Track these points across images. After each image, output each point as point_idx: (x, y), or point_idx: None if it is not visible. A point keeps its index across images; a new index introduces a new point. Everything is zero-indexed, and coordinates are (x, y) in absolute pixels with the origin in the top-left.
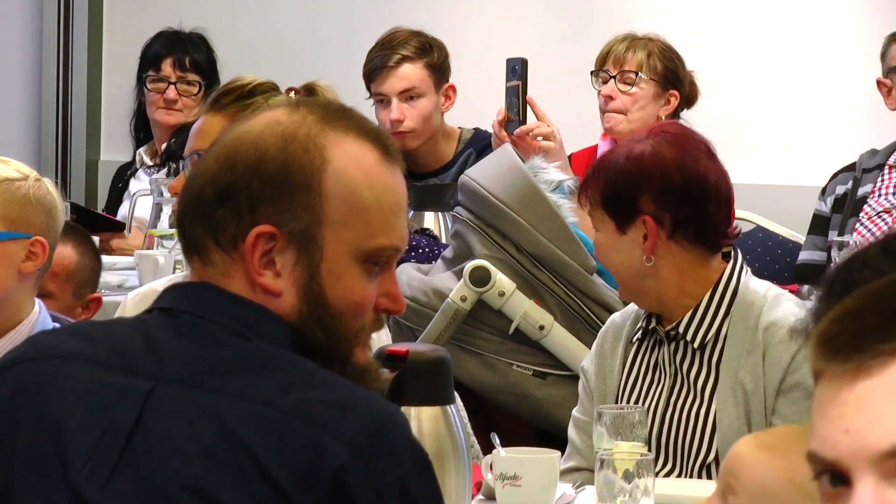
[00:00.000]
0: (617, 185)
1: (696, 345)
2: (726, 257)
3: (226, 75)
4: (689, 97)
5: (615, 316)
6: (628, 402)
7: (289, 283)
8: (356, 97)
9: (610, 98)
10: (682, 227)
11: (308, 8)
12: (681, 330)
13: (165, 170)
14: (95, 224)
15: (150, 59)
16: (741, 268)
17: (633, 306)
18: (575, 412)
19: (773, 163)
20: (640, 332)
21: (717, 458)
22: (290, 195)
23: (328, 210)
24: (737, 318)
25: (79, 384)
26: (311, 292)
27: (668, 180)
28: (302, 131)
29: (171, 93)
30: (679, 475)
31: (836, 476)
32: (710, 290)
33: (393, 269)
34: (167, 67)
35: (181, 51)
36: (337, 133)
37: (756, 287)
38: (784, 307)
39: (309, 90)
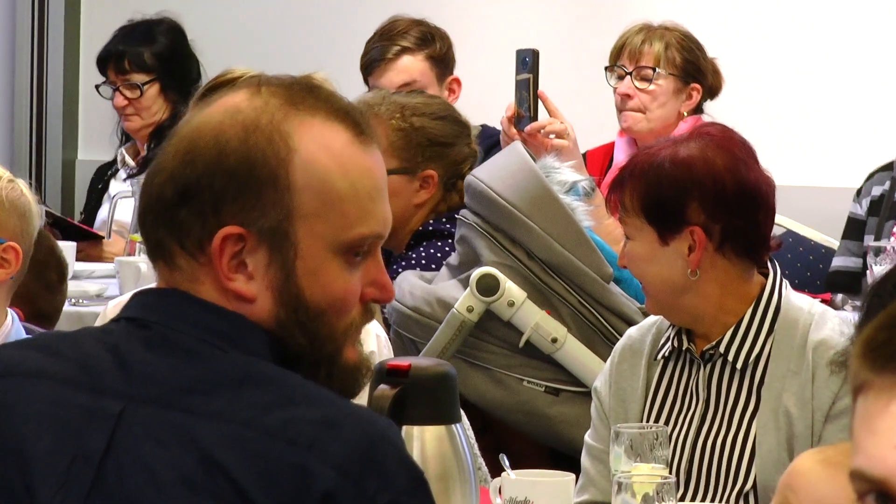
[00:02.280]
0: (663, 191)
1: (738, 365)
2: (761, 268)
3: (215, 68)
4: (712, 87)
5: (632, 331)
6: None
7: (263, 287)
8: (354, 91)
9: (627, 96)
10: (731, 240)
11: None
12: (721, 349)
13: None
14: (72, 234)
15: (98, 63)
16: (781, 281)
17: (651, 319)
18: (588, 438)
19: (804, 162)
20: (666, 350)
21: (755, 486)
22: (256, 191)
23: (299, 203)
24: (780, 337)
25: (44, 407)
26: (287, 294)
27: (720, 188)
28: (264, 119)
29: (118, 100)
30: None
31: (883, 496)
32: (752, 307)
33: (377, 255)
34: (111, 73)
35: (122, 51)
36: (303, 116)
37: (799, 303)
38: (831, 325)
39: None
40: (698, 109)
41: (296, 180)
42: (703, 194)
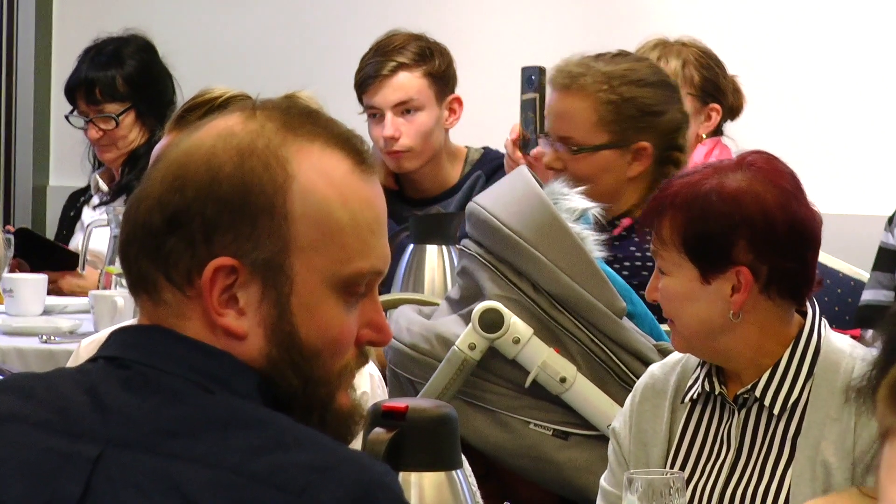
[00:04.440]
0: (709, 227)
1: (776, 410)
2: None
3: (193, 86)
4: (732, 107)
5: (654, 368)
6: None
7: (255, 323)
8: (347, 111)
9: None
10: (778, 281)
11: (291, 8)
12: (756, 393)
13: (123, 197)
14: (45, 255)
15: (66, 93)
16: (820, 321)
17: (675, 357)
18: (603, 482)
19: (832, 188)
20: (695, 392)
21: None
22: (251, 220)
23: (296, 234)
24: (820, 381)
25: (16, 451)
26: (280, 332)
27: (771, 226)
28: (260, 143)
29: (92, 132)
30: None
31: None
32: (790, 348)
33: (375, 294)
34: (82, 104)
35: (91, 79)
36: (301, 142)
37: (840, 345)
38: None
39: None
40: (718, 131)
41: (293, 209)
42: (753, 233)
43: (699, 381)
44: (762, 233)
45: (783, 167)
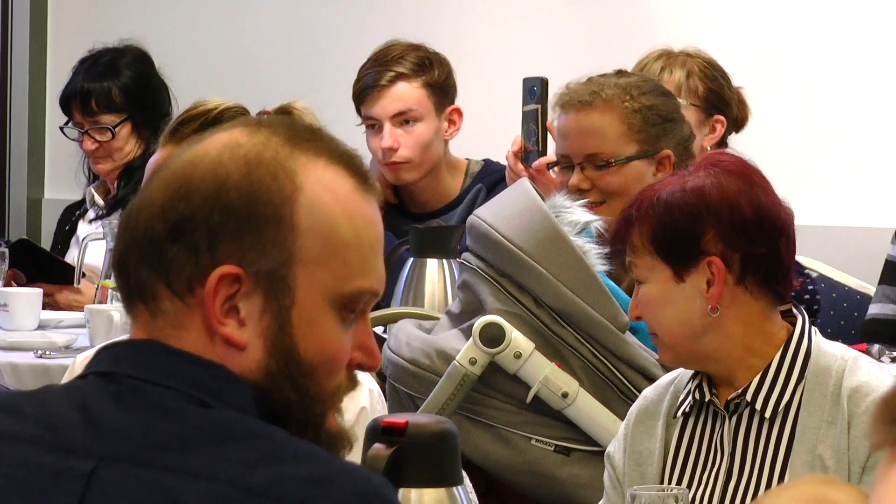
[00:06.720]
0: (675, 222)
1: (767, 414)
2: (786, 317)
3: (189, 98)
4: (737, 119)
5: (647, 391)
6: None
7: (255, 334)
8: (344, 122)
9: None
10: (753, 270)
11: (288, 19)
12: (748, 398)
13: (119, 211)
14: (43, 267)
15: (61, 104)
16: (810, 327)
17: (668, 378)
18: None
19: (838, 200)
20: (686, 405)
21: None
22: (258, 229)
23: (301, 247)
24: (812, 384)
25: (7, 469)
26: (280, 344)
27: (738, 214)
28: (268, 154)
29: (88, 144)
30: None
31: None
32: (780, 352)
33: (367, 318)
34: (77, 115)
35: (87, 90)
36: (307, 157)
37: (831, 349)
38: (866, 370)
39: (284, 113)
40: (722, 143)
41: (300, 221)
42: (720, 221)
43: (690, 393)
44: (729, 220)
45: (750, 165)
